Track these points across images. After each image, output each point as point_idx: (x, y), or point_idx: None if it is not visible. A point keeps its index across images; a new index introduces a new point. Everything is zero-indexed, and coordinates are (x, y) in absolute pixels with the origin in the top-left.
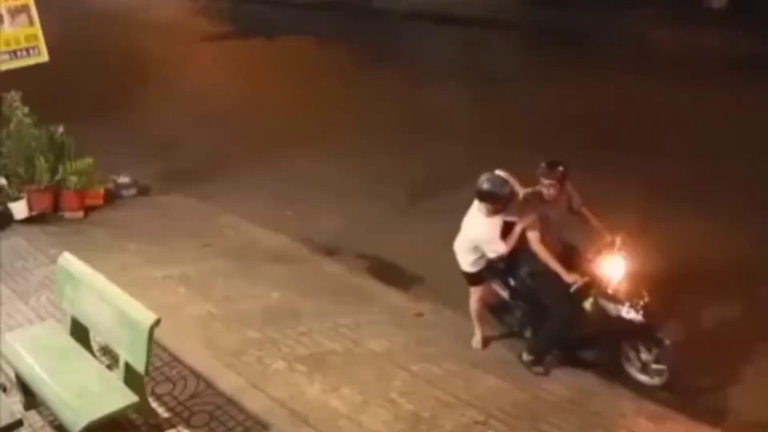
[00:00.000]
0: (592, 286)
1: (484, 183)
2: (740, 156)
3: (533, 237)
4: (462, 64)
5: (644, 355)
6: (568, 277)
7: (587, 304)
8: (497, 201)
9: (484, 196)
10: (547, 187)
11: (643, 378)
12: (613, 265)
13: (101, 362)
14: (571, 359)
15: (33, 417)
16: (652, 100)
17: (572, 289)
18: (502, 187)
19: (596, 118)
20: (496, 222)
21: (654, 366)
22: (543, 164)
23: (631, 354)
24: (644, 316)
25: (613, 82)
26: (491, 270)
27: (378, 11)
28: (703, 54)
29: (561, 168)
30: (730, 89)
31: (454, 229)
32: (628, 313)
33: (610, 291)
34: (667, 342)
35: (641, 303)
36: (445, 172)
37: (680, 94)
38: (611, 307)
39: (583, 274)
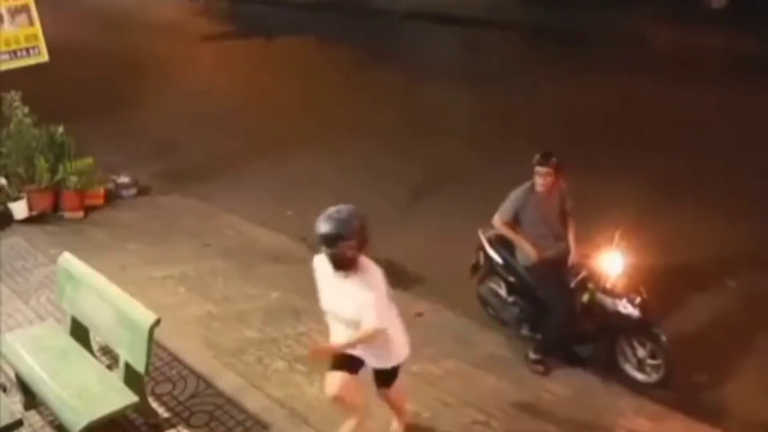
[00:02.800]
0: (590, 280)
1: (321, 224)
2: (740, 154)
3: (496, 219)
4: (462, 64)
5: (640, 352)
6: (532, 252)
7: (584, 298)
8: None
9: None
10: (543, 176)
11: (639, 376)
12: (611, 260)
13: (101, 362)
14: (569, 357)
15: (33, 417)
16: (652, 100)
17: (573, 284)
18: (348, 223)
19: (596, 117)
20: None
21: (650, 362)
22: (537, 155)
23: (628, 351)
24: (641, 311)
25: (613, 81)
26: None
27: (378, 11)
28: (702, 54)
29: (554, 159)
30: (730, 89)
31: (454, 228)
32: (626, 308)
33: (608, 285)
34: (664, 337)
35: (639, 299)
36: (445, 172)
37: (680, 93)
38: (609, 302)
39: (580, 269)
